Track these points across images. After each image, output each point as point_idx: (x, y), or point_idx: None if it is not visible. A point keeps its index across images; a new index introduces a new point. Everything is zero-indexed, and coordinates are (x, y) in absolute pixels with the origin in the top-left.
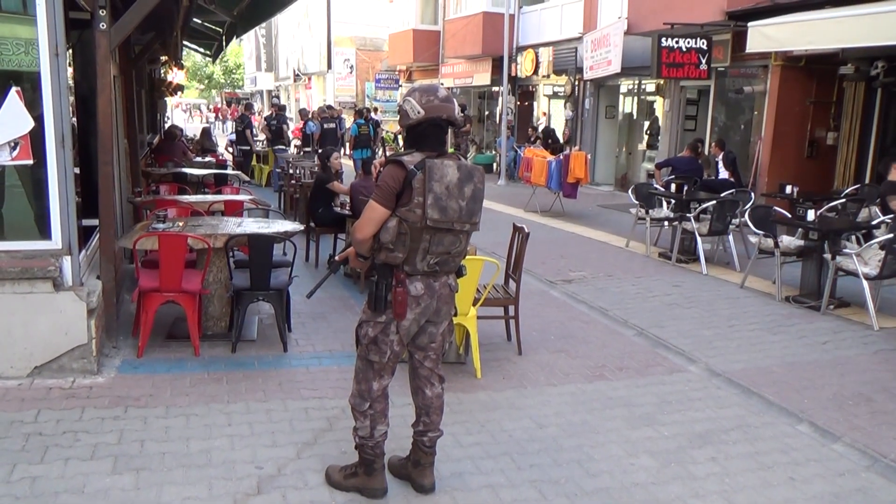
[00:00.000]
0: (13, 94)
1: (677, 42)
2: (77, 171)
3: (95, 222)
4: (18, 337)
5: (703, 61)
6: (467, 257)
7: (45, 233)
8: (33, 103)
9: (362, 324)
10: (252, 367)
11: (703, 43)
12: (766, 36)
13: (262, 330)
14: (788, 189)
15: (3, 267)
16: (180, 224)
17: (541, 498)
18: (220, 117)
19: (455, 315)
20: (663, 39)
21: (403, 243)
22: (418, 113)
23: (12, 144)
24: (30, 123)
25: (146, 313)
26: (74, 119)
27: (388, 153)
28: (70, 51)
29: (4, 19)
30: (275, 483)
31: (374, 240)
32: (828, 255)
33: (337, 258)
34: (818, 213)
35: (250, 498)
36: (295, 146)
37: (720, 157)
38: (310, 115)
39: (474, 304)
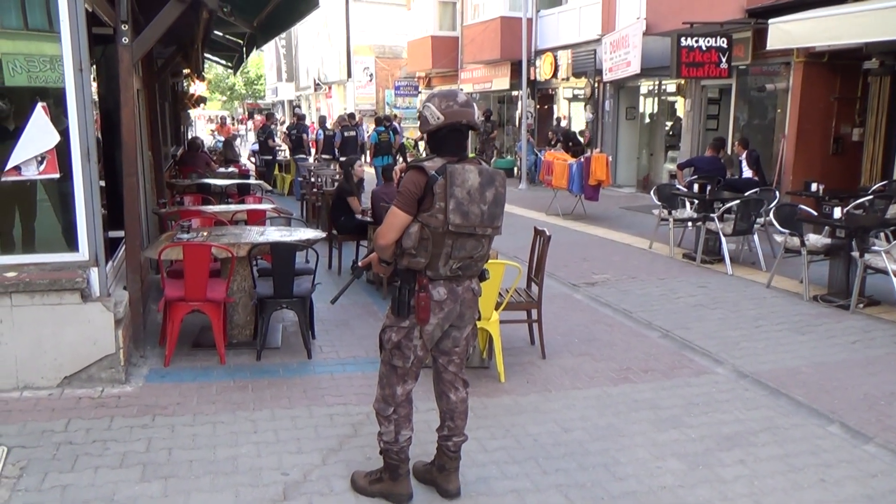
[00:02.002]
0: (39, 109)
1: (697, 41)
2: (103, 183)
3: (121, 234)
4: (48, 347)
5: (724, 60)
6: (489, 261)
7: (72, 245)
8: (59, 118)
9: (386, 329)
10: (277, 375)
11: (723, 41)
12: (787, 32)
13: (286, 337)
14: (814, 187)
15: (32, 279)
16: (204, 234)
17: (567, 503)
18: (253, 127)
19: (478, 319)
20: (683, 39)
21: (426, 248)
22: (438, 119)
23: (39, 159)
24: (55, 138)
25: (172, 323)
26: (99, 133)
27: (409, 160)
28: (94, 66)
29: (31, 37)
30: (301, 489)
31: (396, 245)
32: (856, 253)
33: (360, 264)
34: (845, 210)
35: None
36: (314, 158)
37: (744, 155)
38: (321, 123)
39: (497, 309)
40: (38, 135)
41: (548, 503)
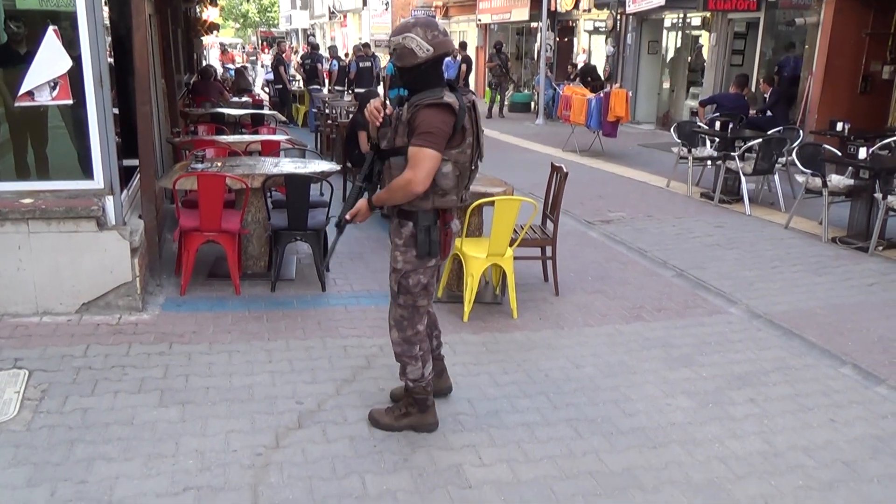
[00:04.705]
0: (51, 33)
1: None
2: (116, 111)
3: (135, 163)
4: (66, 275)
5: None
6: (505, 197)
7: (87, 172)
8: (71, 43)
9: (409, 274)
10: (291, 306)
11: None
12: None
13: (300, 269)
14: (840, 126)
15: (48, 206)
16: (219, 164)
17: (576, 436)
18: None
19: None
20: None
21: (456, 186)
22: (427, 51)
23: (52, 84)
24: (68, 63)
25: (187, 252)
26: (112, 60)
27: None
28: None
29: None
30: (315, 418)
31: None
32: (879, 195)
33: (347, 217)
34: (870, 150)
35: (291, 432)
36: (328, 89)
37: (768, 93)
38: (333, 54)
39: (511, 245)
40: (50, 59)
41: (558, 436)
